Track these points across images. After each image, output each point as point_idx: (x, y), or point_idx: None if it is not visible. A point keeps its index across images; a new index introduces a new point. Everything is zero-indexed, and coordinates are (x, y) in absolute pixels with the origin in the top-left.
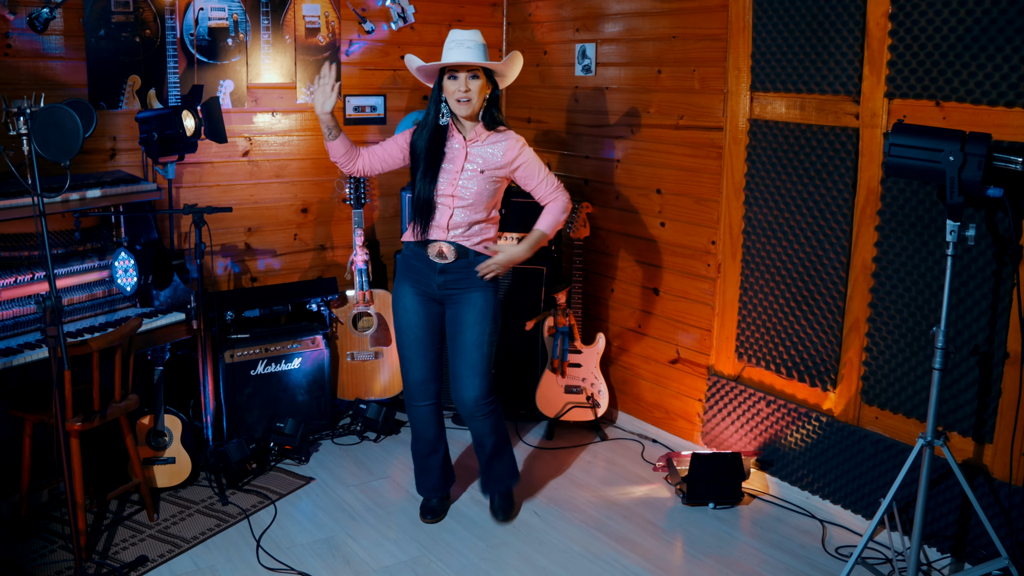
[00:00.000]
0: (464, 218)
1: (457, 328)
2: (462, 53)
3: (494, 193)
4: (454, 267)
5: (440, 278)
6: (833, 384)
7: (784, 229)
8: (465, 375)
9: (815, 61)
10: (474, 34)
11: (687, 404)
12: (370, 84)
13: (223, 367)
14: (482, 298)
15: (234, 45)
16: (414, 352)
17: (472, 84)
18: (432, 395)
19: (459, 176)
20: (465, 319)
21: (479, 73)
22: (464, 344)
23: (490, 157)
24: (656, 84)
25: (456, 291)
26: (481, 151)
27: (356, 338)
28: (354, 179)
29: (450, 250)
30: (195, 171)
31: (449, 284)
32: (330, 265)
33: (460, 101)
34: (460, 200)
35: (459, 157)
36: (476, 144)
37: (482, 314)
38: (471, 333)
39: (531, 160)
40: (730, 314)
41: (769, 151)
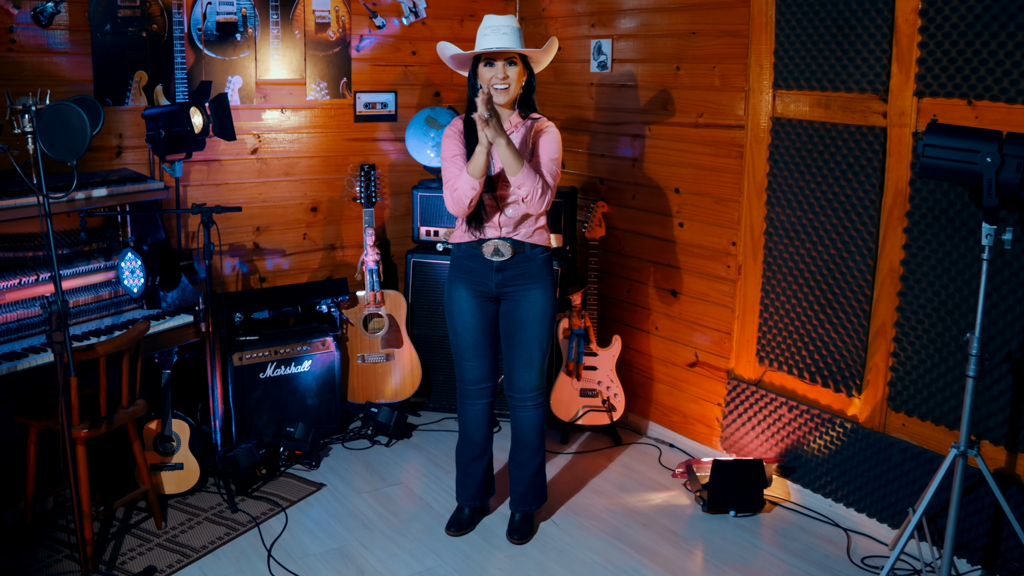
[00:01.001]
0: (515, 212)
1: (516, 325)
2: (498, 39)
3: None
4: (511, 263)
5: (498, 276)
6: (858, 390)
7: (808, 231)
8: (522, 367)
9: (840, 59)
10: (509, 19)
11: (705, 408)
12: (381, 80)
13: (231, 370)
14: (541, 295)
15: (243, 40)
16: (472, 353)
17: (510, 71)
18: (488, 395)
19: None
20: (525, 317)
21: (516, 59)
22: (523, 341)
23: (523, 145)
24: (675, 81)
25: (515, 288)
26: (518, 139)
27: (367, 340)
28: (365, 177)
29: (506, 247)
30: (203, 169)
31: (508, 281)
32: (340, 265)
33: (497, 88)
34: (508, 196)
35: None
36: (513, 134)
37: (542, 312)
38: (531, 331)
39: (551, 142)
40: (751, 317)
41: (792, 150)
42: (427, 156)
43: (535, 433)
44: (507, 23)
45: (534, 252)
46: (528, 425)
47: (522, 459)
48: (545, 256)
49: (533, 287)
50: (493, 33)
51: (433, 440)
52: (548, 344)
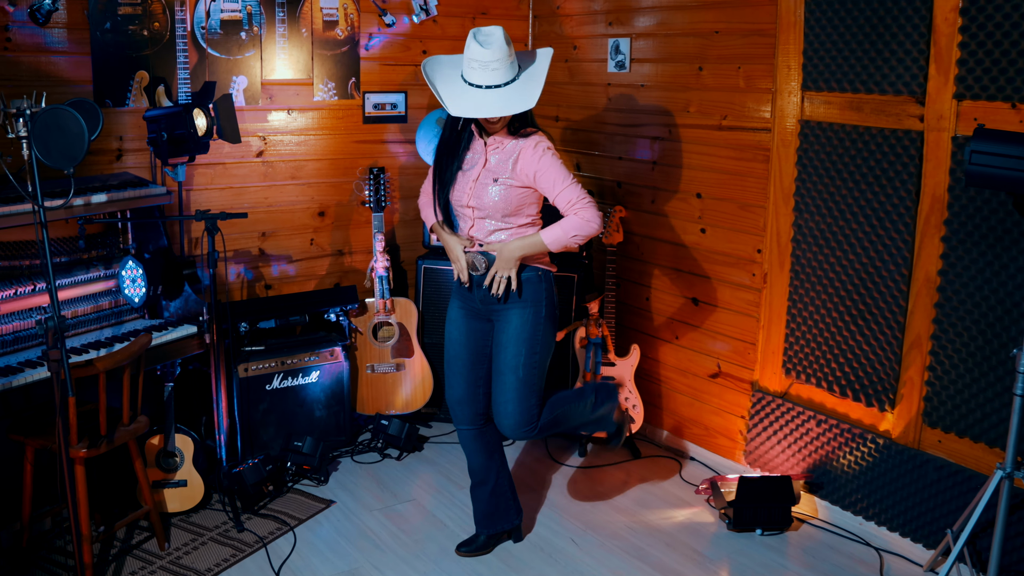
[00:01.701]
0: (490, 227)
1: (494, 348)
2: (488, 76)
3: (520, 200)
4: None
5: (478, 292)
6: (891, 404)
7: (838, 238)
8: (499, 400)
9: (875, 59)
10: (497, 50)
11: (728, 421)
12: (391, 80)
13: (237, 382)
14: (518, 316)
15: (248, 39)
16: (451, 369)
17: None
18: (468, 419)
19: (475, 185)
20: (499, 339)
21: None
22: (497, 367)
23: (503, 165)
24: (697, 82)
25: (497, 306)
26: (497, 158)
27: (376, 349)
28: (374, 181)
29: (481, 261)
30: (207, 173)
31: (488, 299)
32: (348, 271)
33: (487, 123)
34: (479, 211)
35: (478, 163)
36: (495, 150)
37: (517, 333)
38: (504, 354)
39: (548, 170)
40: (777, 327)
41: (822, 155)
42: None
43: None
44: (495, 57)
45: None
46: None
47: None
48: (533, 275)
49: (512, 307)
50: (481, 69)
51: (445, 453)
52: (530, 372)
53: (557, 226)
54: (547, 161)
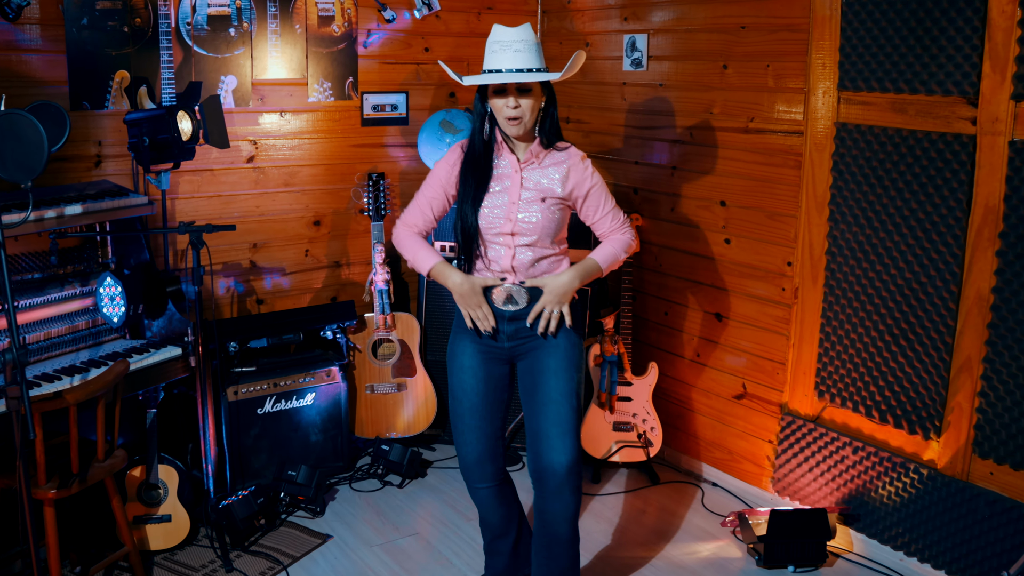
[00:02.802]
0: (531, 256)
1: (538, 377)
2: (510, 58)
3: (561, 223)
4: (525, 312)
5: (510, 327)
6: (936, 432)
7: (878, 251)
8: (553, 435)
9: (920, 56)
10: (523, 32)
11: (754, 445)
12: (391, 80)
13: (226, 406)
14: (566, 338)
15: (237, 36)
16: (468, 423)
17: (523, 102)
18: (490, 477)
19: (516, 208)
20: (547, 364)
21: (529, 85)
22: (549, 396)
23: (550, 182)
24: (721, 81)
25: (530, 337)
26: (539, 175)
27: (376, 368)
28: (373, 187)
29: (521, 295)
30: (193, 180)
31: (523, 332)
32: (346, 284)
33: (510, 120)
34: (522, 237)
35: (513, 184)
36: (532, 167)
37: (568, 357)
38: (557, 381)
39: (599, 187)
40: (809, 346)
41: (861, 160)
42: None
43: (570, 524)
44: (520, 38)
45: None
46: (565, 515)
47: (555, 552)
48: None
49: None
50: (503, 50)
51: (450, 480)
52: (579, 403)
53: (608, 247)
54: (597, 178)
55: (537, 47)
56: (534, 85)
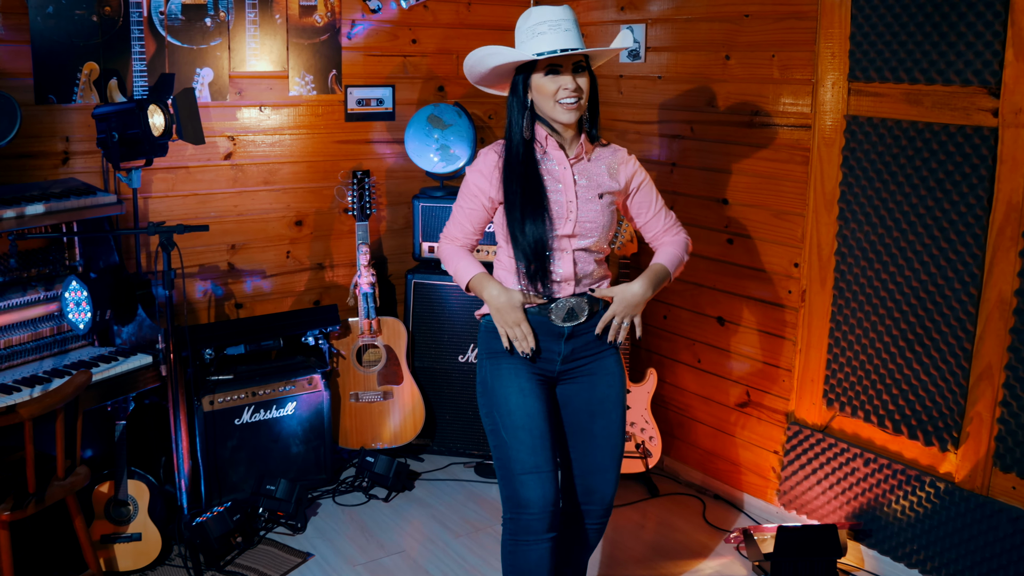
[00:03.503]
0: (590, 259)
1: (598, 407)
2: (563, 38)
3: (616, 219)
4: (588, 325)
5: (567, 346)
6: (954, 443)
7: (891, 252)
8: (609, 468)
9: (937, 44)
10: (568, 11)
11: (758, 456)
12: (376, 73)
13: (201, 417)
14: (616, 364)
15: (214, 26)
16: (542, 454)
17: (580, 81)
18: (557, 523)
19: (574, 206)
20: (607, 395)
21: (583, 62)
22: (611, 430)
23: (603, 176)
24: (723, 72)
25: (585, 359)
26: (590, 170)
27: (361, 375)
28: (358, 185)
29: (583, 306)
30: (167, 178)
31: (579, 352)
32: (329, 287)
33: (566, 104)
34: (581, 239)
35: (565, 182)
36: (582, 163)
37: (620, 385)
38: (616, 413)
39: (649, 183)
40: (817, 352)
41: (873, 155)
42: (430, 160)
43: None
44: (566, 16)
45: (604, 306)
46: (594, 546)
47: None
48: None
49: (607, 354)
50: (552, 31)
51: (439, 493)
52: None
53: (671, 248)
54: (646, 173)
55: (577, 25)
56: (586, 63)
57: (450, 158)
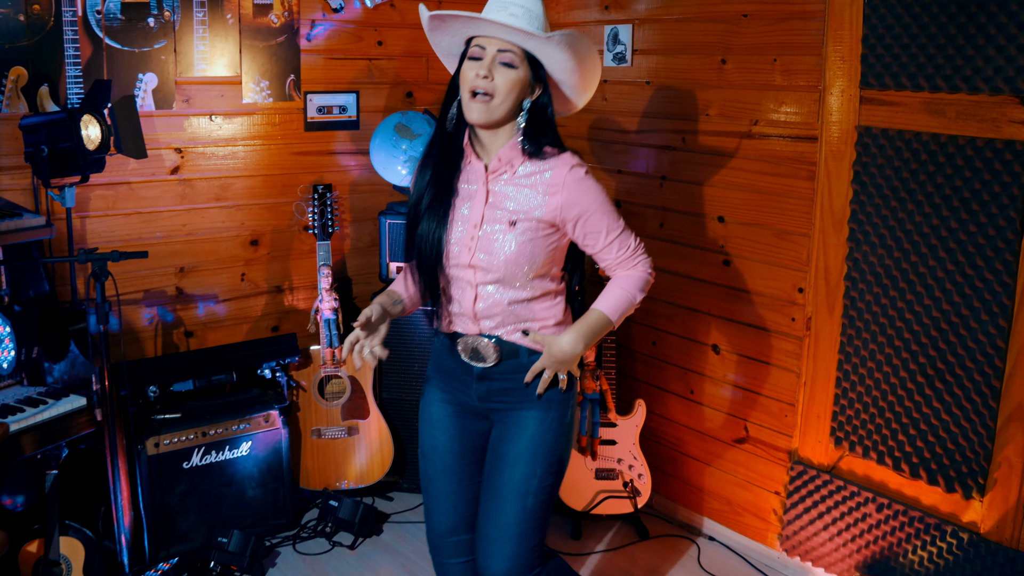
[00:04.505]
0: (499, 299)
1: (494, 462)
2: (499, 14)
3: (549, 253)
4: (500, 372)
5: (480, 387)
6: (980, 490)
7: (909, 278)
8: (492, 536)
9: (963, 48)
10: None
11: (758, 496)
12: (339, 78)
13: (145, 461)
14: (537, 420)
15: (157, 27)
16: (440, 488)
17: (500, 74)
18: (465, 550)
19: (477, 233)
20: (507, 450)
21: (515, 54)
22: (497, 489)
23: (525, 200)
24: (719, 78)
25: (504, 405)
26: (512, 190)
27: (324, 409)
28: (319, 201)
29: (490, 349)
30: (106, 195)
31: (495, 396)
32: (289, 312)
33: (475, 95)
34: (485, 272)
35: (476, 200)
36: (501, 177)
37: (534, 445)
38: (511, 473)
39: (598, 208)
40: (823, 385)
41: (888, 170)
42: (397, 173)
43: None
44: (523, 2)
45: (534, 359)
46: None
47: None
48: None
49: (526, 407)
50: (499, 11)
51: (409, 537)
52: (540, 500)
53: (616, 290)
54: (595, 194)
55: (541, 21)
56: (520, 59)
57: None
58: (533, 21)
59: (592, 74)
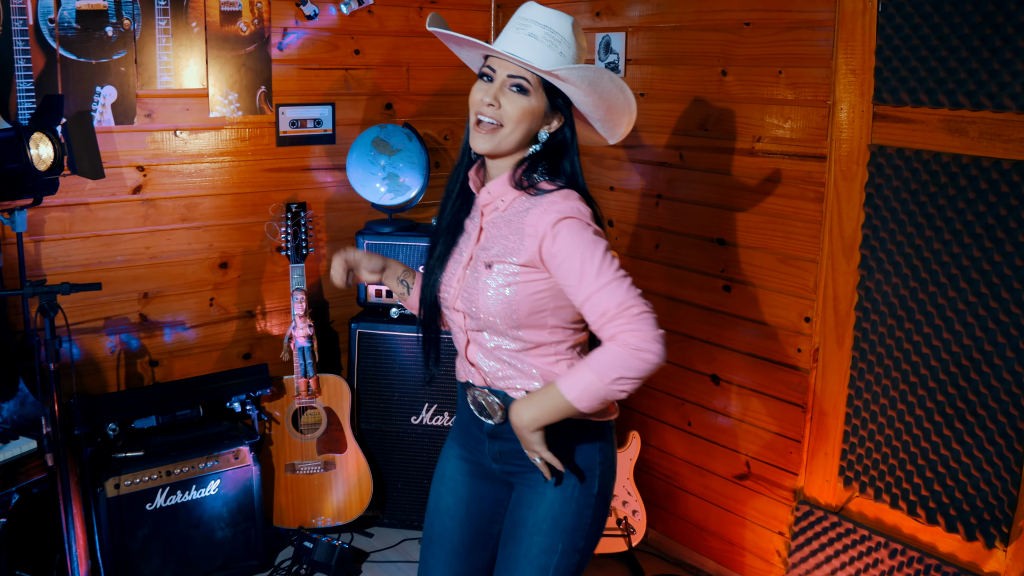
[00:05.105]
0: (492, 348)
1: (513, 527)
2: (519, 43)
3: (535, 303)
4: (511, 432)
5: (493, 447)
6: (1003, 539)
7: (926, 309)
8: None
9: (987, 61)
10: (554, 18)
11: (761, 536)
12: (313, 89)
13: (105, 504)
14: (557, 489)
15: (116, 36)
16: (434, 554)
17: (509, 99)
18: None
19: (464, 274)
20: (525, 517)
21: (528, 81)
22: (517, 558)
23: (508, 238)
24: (719, 90)
25: (522, 468)
26: (498, 227)
27: (298, 443)
28: (292, 220)
29: (495, 406)
30: (62, 217)
31: (509, 458)
32: (261, 338)
33: (479, 122)
34: (470, 319)
35: (471, 238)
36: (493, 213)
37: (553, 517)
38: (527, 545)
39: (572, 255)
40: (832, 421)
41: (903, 193)
42: (376, 191)
43: None
44: (546, 21)
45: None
46: None
47: None
48: (580, 429)
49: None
50: (517, 31)
51: None
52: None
53: (583, 367)
54: (574, 239)
55: (568, 45)
56: (534, 86)
57: (399, 188)
58: (556, 45)
59: (620, 112)
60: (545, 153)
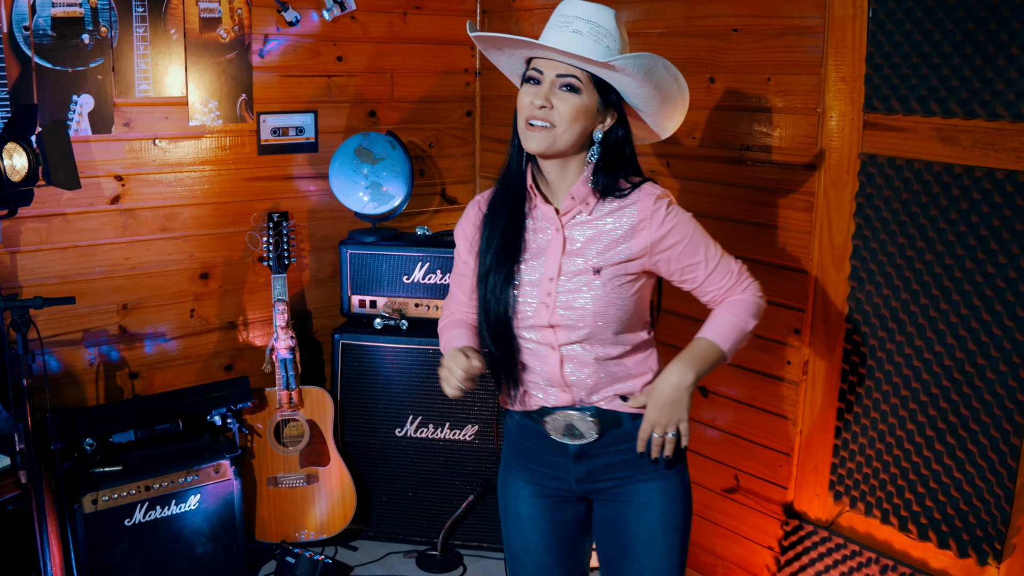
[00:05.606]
0: (588, 359)
1: (623, 545)
2: (565, 39)
3: (639, 302)
4: (600, 447)
5: (579, 468)
6: (996, 557)
7: (918, 321)
8: None
9: (980, 68)
10: (598, 11)
11: (749, 551)
12: (295, 96)
13: (82, 520)
14: (660, 492)
15: (93, 44)
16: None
17: (561, 99)
18: None
19: (555, 287)
20: (637, 531)
21: (578, 78)
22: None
23: (608, 240)
24: (706, 98)
25: (613, 482)
26: (592, 233)
27: (280, 456)
28: (274, 230)
29: (588, 422)
30: (38, 228)
31: (598, 474)
32: (244, 349)
33: (531, 125)
34: (569, 331)
35: (552, 248)
36: (576, 219)
37: (666, 520)
38: (651, 556)
39: (691, 236)
40: (822, 434)
41: (895, 203)
42: (359, 200)
43: None
44: (590, 16)
45: (637, 423)
46: None
47: None
48: None
49: (642, 479)
50: (560, 28)
51: None
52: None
53: (726, 315)
54: (686, 221)
55: (613, 38)
56: (585, 83)
57: (382, 197)
58: (602, 39)
59: (675, 101)
60: (607, 154)
